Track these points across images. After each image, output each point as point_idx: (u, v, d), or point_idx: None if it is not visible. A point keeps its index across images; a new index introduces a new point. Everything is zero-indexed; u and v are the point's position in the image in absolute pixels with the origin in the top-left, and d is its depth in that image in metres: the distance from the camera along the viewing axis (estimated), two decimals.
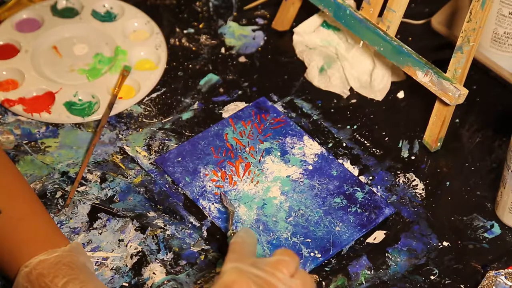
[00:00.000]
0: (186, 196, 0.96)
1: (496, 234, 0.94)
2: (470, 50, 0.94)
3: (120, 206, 0.95)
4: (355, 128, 1.04)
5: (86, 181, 0.97)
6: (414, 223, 0.95)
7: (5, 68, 1.07)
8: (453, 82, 0.96)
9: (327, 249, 0.91)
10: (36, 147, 1.00)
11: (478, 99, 1.07)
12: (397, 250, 0.93)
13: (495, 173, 0.99)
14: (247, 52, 1.12)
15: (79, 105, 1.05)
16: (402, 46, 0.99)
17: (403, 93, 1.08)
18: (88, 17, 1.13)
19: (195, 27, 1.15)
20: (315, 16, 1.11)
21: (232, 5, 1.18)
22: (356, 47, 1.09)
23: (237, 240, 0.76)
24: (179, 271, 0.90)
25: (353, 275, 0.90)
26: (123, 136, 1.02)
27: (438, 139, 1.01)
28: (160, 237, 0.92)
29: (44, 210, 0.86)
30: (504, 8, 1.03)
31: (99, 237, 0.92)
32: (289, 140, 1.01)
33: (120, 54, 1.09)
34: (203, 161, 0.99)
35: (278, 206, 0.95)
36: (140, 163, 0.99)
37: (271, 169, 0.98)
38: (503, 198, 0.93)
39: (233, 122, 1.03)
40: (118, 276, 0.89)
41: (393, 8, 1.00)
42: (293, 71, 1.10)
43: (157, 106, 1.05)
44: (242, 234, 0.78)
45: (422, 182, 0.99)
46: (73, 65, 1.09)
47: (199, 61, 1.11)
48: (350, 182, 0.97)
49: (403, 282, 0.90)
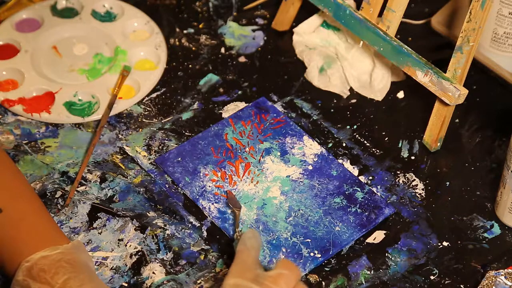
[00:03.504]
0: (186, 196, 0.96)
1: (496, 234, 0.94)
2: (470, 50, 0.94)
3: (120, 206, 0.95)
4: (355, 128, 1.04)
5: (86, 181, 0.97)
6: (414, 223, 0.95)
7: (5, 68, 1.07)
8: (453, 82, 0.96)
9: (327, 249, 0.91)
10: (36, 147, 1.00)
11: (478, 99, 1.07)
12: (397, 250, 0.93)
13: (495, 173, 0.99)
14: (247, 52, 1.12)
15: (79, 105, 1.05)
16: (402, 46, 0.99)
17: (403, 93, 1.08)
18: (88, 17, 1.13)
19: (195, 27, 1.15)
20: (315, 16, 1.11)
21: (232, 5, 1.18)
22: (356, 47, 1.09)
23: (241, 249, 0.78)
24: (178, 271, 0.90)
25: (353, 275, 0.90)
26: (123, 136, 1.02)
27: (438, 139, 1.01)
28: (160, 237, 0.92)
29: (44, 209, 0.86)
30: (504, 8, 1.03)
31: (98, 237, 0.92)
32: (289, 140, 1.01)
33: (120, 54, 1.09)
34: (203, 161, 0.99)
35: (278, 206, 0.95)
36: (140, 163, 0.99)
37: (271, 169, 0.98)
38: (503, 198, 0.93)
39: (233, 122, 1.03)
40: (117, 276, 0.89)
41: (393, 8, 1.00)
42: (293, 71, 1.10)
43: (157, 106, 1.05)
44: (246, 240, 0.79)
45: (422, 182, 0.99)
46: (73, 65, 1.09)
47: (199, 61, 1.11)
48: (350, 182, 0.97)
49: (403, 282, 0.90)
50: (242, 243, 0.79)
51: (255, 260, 0.78)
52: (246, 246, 0.78)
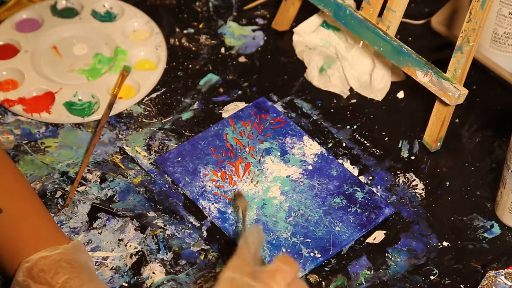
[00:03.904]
0: (186, 196, 0.96)
1: (496, 234, 0.94)
2: (470, 50, 0.94)
3: (120, 206, 0.95)
4: (355, 128, 1.04)
5: (86, 181, 0.97)
6: (414, 223, 0.95)
7: (5, 68, 1.07)
8: (453, 82, 0.96)
9: (327, 249, 0.91)
10: (36, 147, 1.00)
11: (478, 99, 1.07)
12: (397, 250, 0.93)
13: (495, 173, 0.99)
14: (247, 52, 1.12)
15: (79, 105, 1.05)
16: (402, 46, 0.99)
17: (403, 93, 1.08)
18: (88, 17, 1.13)
19: (195, 27, 1.15)
20: (315, 16, 1.11)
21: (232, 5, 1.18)
22: (356, 47, 1.09)
23: (241, 245, 0.77)
24: (178, 271, 0.90)
25: (353, 275, 0.90)
26: (123, 136, 1.02)
27: (438, 139, 1.01)
28: (160, 237, 0.92)
29: (45, 209, 0.86)
30: (504, 8, 1.03)
31: (99, 237, 0.92)
32: (289, 140, 1.01)
33: (120, 54, 1.09)
34: (203, 161, 0.99)
35: (278, 206, 0.95)
36: (140, 163, 0.99)
37: (271, 169, 0.98)
38: (503, 198, 0.93)
39: (233, 122, 1.03)
40: (117, 276, 0.89)
41: (393, 8, 1.00)
42: (293, 71, 1.10)
43: (157, 106, 1.05)
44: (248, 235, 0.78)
45: (422, 182, 0.99)
46: (73, 65, 1.09)
47: (199, 61, 1.11)
48: (350, 182, 0.97)
49: (403, 282, 0.90)
50: (244, 239, 0.78)
51: (253, 256, 0.77)
52: (247, 241, 0.78)
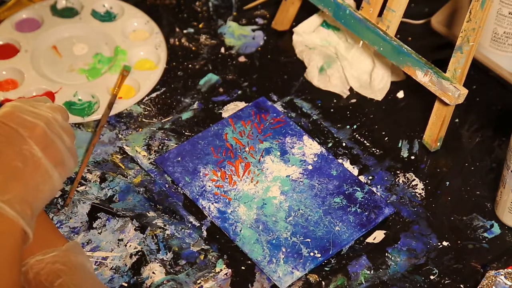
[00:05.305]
0: (186, 196, 0.96)
1: (495, 234, 0.94)
2: (470, 50, 0.94)
3: (119, 206, 0.95)
4: (354, 128, 1.04)
5: (86, 181, 0.97)
6: (414, 223, 0.95)
7: (5, 68, 1.07)
8: (452, 82, 0.96)
9: (327, 249, 0.91)
10: None
11: (478, 99, 1.07)
12: (397, 250, 0.92)
13: (495, 173, 0.99)
14: (247, 52, 1.12)
15: (79, 105, 1.05)
16: (402, 46, 0.99)
17: (402, 93, 1.08)
18: (88, 17, 1.13)
19: (194, 27, 1.15)
20: (315, 16, 1.11)
21: (231, 5, 1.18)
22: (356, 47, 1.09)
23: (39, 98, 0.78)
24: (178, 271, 0.90)
25: (352, 275, 0.90)
26: (123, 136, 1.02)
27: (437, 139, 1.01)
28: (160, 237, 0.92)
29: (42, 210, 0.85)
30: (503, 8, 1.03)
31: (98, 237, 0.92)
32: (289, 140, 1.01)
33: (120, 54, 1.09)
34: (202, 161, 0.99)
35: (278, 206, 0.95)
36: (139, 163, 0.99)
37: (270, 169, 0.98)
38: (502, 198, 0.93)
39: (232, 122, 1.03)
40: (117, 276, 0.89)
41: (392, 8, 1.00)
42: (293, 71, 1.10)
43: (156, 106, 1.05)
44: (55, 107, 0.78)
45: (422, 182, 0.99)
46: (73, 65, 1.09)
47: (199, 61, 1.11)
48: (350, 182, 0.97)
49: (403, 282, 0.90)
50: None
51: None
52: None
